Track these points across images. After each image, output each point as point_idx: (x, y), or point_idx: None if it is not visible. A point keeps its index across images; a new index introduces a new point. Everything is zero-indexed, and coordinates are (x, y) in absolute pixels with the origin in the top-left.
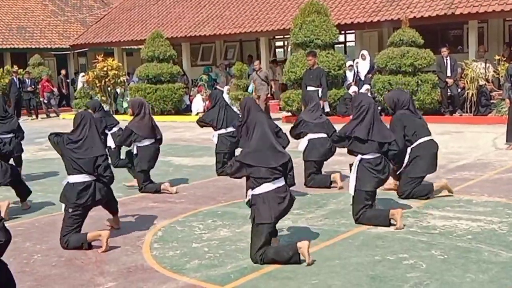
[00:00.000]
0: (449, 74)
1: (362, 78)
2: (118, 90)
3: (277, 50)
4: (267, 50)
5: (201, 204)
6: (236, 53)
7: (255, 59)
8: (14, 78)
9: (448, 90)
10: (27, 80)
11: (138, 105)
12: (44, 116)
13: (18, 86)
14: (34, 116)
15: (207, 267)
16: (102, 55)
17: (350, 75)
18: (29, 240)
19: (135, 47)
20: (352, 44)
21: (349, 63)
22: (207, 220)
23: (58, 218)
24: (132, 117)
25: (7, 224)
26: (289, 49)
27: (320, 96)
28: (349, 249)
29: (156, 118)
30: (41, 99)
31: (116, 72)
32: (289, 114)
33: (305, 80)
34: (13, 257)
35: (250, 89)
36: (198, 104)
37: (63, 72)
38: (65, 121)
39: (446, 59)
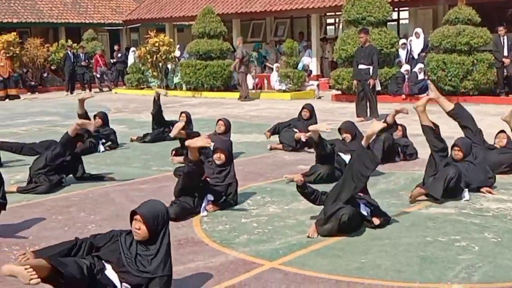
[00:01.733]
0: (505, 53)
1: (415, 57)
2: (169, 66)
3: (328, 27)
4: (318, 27)
5: (250, 180)
6: (287, 30)
7: (306, 36)
8: (69, 53)
9: (505, 70)
10: (81, 55)
11: None
12: (97, 90)
13: (72, 60)
14: (87, 90)
15: (256, 242)
16: (154, 31)
17: (403, 54)
18: (83, 211)
19: (186, 23)
20: (406, 21)
21: (402, 41)
22: (256, 196)
23: (111, 190)
24: None
25: (65, 195)
26: (340, 26)
27: (371, 74)
28: (399, 229)
29: (205, 94)
30: (94, 73)
31: (167, 48)
32: (339, 92)
33: (356, 58)
34: (68, 226)
35: (300, 66)
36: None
37: (116, 47)
38: (117, 96)
39: (503, 39)
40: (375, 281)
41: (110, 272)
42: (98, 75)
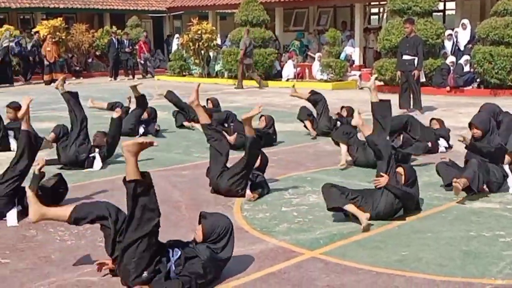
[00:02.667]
0: None
1: (462, 48)
2: (211, 54)
3: (371, 17)
4: (362, 17)
5: (290, 170)
6: (330, 19)
7: (349, 26)
8: (113, 39)
9: None
10: (125, 41)
11: None
12: (140, 76)
13: (116, 46)
14: (130, 76)
15: (296, 231)
16: (196, 18)
17: (448, 45)
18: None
19: (229, 11)
20: (452, 12)
21: (448, 32)
22: (296, 185)
23: (153, 175)
24: None
25: (109, 178)
26: (384, 16)
27: (416, 65)
28: (442, 223)
29: (246, 83)
30: (138, 59)
31: (209, 35)
32: (381, 83)
33: (401, 48)
34: None
35: (342, 56)
36: (289, 70)
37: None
38: (159, 82)
39: None
40: (417, 274)
41: None
42: (142, 62)
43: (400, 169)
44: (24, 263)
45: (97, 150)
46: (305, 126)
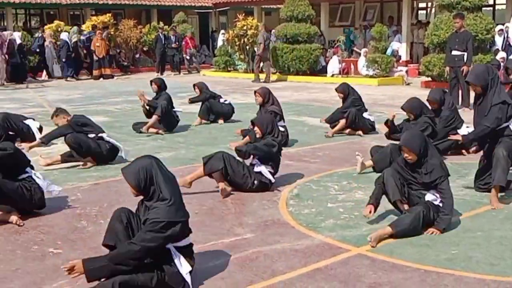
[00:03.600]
0: None
1: None
2: (256, 49)
3: (419, 11)
4: (409, 12)
5: (336, 166)
6: (376, 14)
7: (396, 21)
8: (160, 34)
9: None
10: (172, 37)
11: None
12: (186, 71)
13: (163, 42)
14: (176, 72)
15: (342, 228)
16: (242, 14)
17: (499, 40)
18: None
19: (274, 6)
20: (503, 7)
21: (499, 27)
22: (342, 181)
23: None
24: None
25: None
26: (433, 11)
27: (465, 61)
28: (492, 222)
29: (291, 78)
30: (183, 55)
31: (254, 31)
32: (429, 79)
33: (450, 43)
34: None
35: (389, 51)
36: (334, 65)
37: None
38: (205, 77)
39: None
40: (466, 274)
41: None
42: (188, 57)
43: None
44: (76, 254)
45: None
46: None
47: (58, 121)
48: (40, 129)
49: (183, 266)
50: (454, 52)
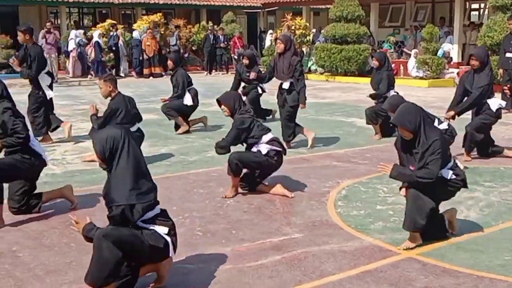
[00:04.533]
0: None
1: None
2: (304, 49)
3: (472, 12)
4: (461, 13)
5: None
6: (428, 15)
7: (448, 22)
8: (209, 34)
9: None
10: (220, 36)
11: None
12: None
13: (212, 41)
14: (224, 71)
15: (392, 230)
16: (290, 14)
17: None
18: (222, 186)
19: (323, 6)
20: None
21: None
22: (391, 183)
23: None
24: None
25: (205, 169)
26: (486, 12)
27: None
28: None
29: (339, 79)
30: (232, 55)
31: (303, 31)
32: None
33: (504, 45)
34: (208, 200)
35: (440, 53)
36: None
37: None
38: None
39: None
40: None
41: None
42: (236, 57)
43: None
44: None
45: None
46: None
47: (103, 85)
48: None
49: (158, 229)
50: (508, 55)
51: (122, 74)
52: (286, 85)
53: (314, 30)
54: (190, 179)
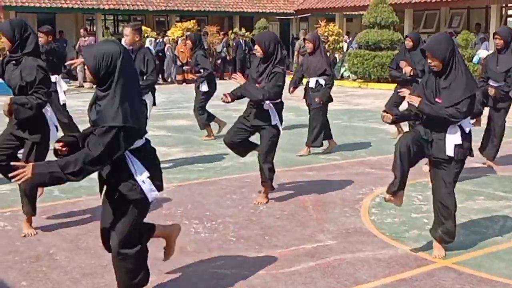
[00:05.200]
0: None
1: None
2: (337, 56)
3: (508, 19)
4: (498, 19)
5: (419, 175)
6: (463, 21)
7: (483, 28)
8: (241, 41)
9: None
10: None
11: None
12: None
13: (244, 48)
14: None
15: (427, 238)
16: (323, 20)
17: None
18: (254, 192)
19: (356, 12)
20: None
21: None
22: (426, 191)
23: (280, 174)
24: None
25: (238, 175)
26: None
27: None
28: None
29: (372, 86)
30: None
31: (336, 37)
32: None
33: None
34: (241, 206)
35: (475, 60)
36: None
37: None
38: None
39: None
40: None
41: None
42: None
43: None
44: (162, 253)
45: None
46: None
47: (130, 33)
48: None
49: (138, 172)
50: None
51: (168, 79)
52: (312, 84)
53: (347, 38)
54: (223, 185)
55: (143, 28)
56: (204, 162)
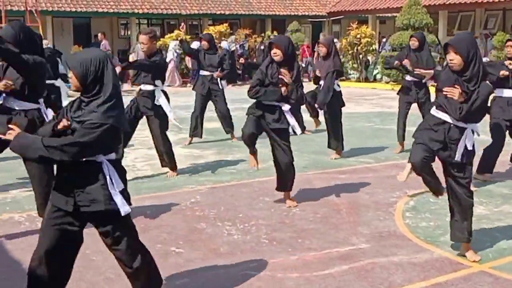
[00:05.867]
0: None
1: None
2: (370, 58)
3: None
4: None
5: None
6: (498, 23)
7: None
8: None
9: None
10: None
11: None
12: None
13: None
14: None
15: None
16: (356, 23)
17: None
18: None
19: (389, 14)
20: None
21: None
22: None
23: (312, 177)
24: None
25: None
26: None
27: None
28: None
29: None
30: (299, 63)
31: (369, 40)
32: None
33: None
34: (273, 208)
35: None
36: None
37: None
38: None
39: None
40: None
41: None
42: (303, 65)
43: None
44: (196, 254)
45: None
46: None
47: (148, 42)
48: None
49: (115, 183)
50: None
51: (239, 82)
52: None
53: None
54: (255, 187)
55: (176, 32)
56: (237, 164)
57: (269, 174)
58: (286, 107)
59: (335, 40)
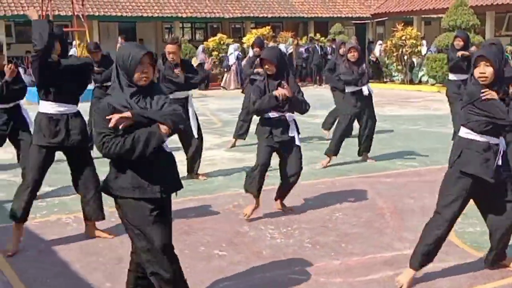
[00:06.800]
0: None
1: None
2: (414, 60)
3: None
4: None
5: None
6: None
7: None
8: (316, 46)
9: None
10: (328, 48)
11: None
12: None
13: (320, 53)
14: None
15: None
16: (401, 24)
17: None
18: (329, 198)
19: (435, 16)
20: None
21: None
22: None
23: (356, 181)
24: None
25: (313, 181)
26: None
27: None
28: None
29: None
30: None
31: (414, 41)
32: None
33: None
34: (316, 212)
35: None
36: None
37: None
38: None
39: None
40: None
41: None
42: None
43: None
44: (239, 257)
45: None
46: None
47: (177, 50)
48: None
49: None
50: None
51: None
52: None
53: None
54: (298, 190)
55: (219, 35)
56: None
57: (311, 177)
58: (290, 116)
59: (379, 42)
